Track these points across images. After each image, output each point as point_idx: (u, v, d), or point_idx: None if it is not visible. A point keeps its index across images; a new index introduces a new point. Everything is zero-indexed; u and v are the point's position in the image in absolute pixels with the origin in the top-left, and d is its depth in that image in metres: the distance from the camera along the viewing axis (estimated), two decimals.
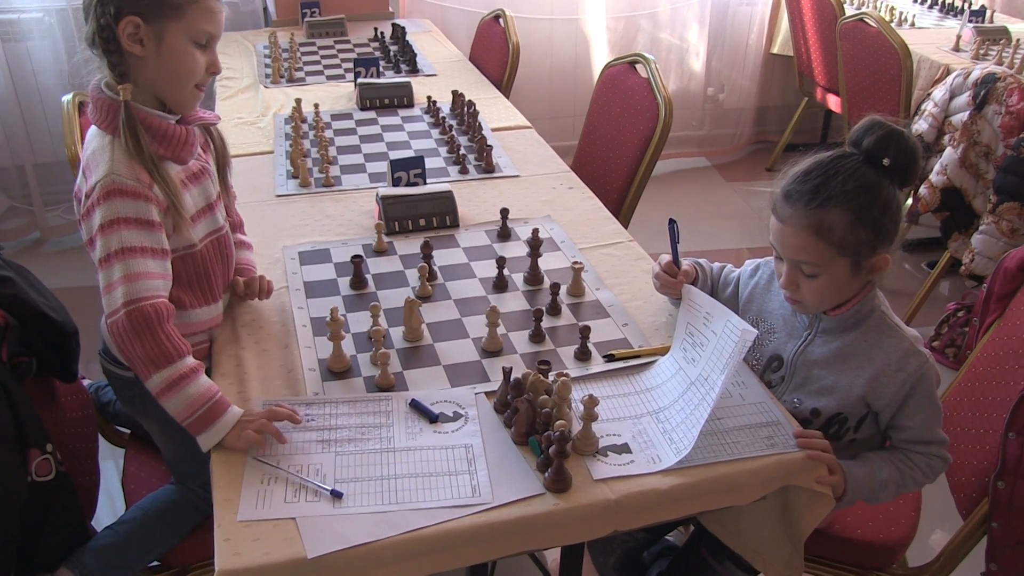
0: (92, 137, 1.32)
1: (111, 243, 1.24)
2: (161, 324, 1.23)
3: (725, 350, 1.25)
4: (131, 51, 1.26)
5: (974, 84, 2.62)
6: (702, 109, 4.44)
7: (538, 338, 1.46)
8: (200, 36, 1.32)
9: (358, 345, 1.44)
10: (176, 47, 1.29)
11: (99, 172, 1.26)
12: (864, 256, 1.27)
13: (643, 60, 2.38)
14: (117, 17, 1.24)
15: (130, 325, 1.22)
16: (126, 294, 1.22)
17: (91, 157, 1.29)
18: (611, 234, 1.84)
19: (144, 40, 1.26)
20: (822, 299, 1.32)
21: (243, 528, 1.07)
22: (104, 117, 1.30)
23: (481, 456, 1.21)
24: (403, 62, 3.02)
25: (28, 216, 3.55)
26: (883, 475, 1.31)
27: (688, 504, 1.20)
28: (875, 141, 1.24)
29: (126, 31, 1.25)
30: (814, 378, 1.36)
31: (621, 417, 1.28)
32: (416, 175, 1.97)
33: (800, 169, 1.29)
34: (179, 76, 1.32)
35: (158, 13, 1.26)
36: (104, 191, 1.24)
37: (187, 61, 1.31)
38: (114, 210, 1.24)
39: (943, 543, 1.53)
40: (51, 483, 1.38)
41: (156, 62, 1.29)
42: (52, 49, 3.36)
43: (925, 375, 1.30)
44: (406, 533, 1.08)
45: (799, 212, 1.25)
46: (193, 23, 1.29)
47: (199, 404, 1.21)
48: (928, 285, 2.98)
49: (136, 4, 1.24)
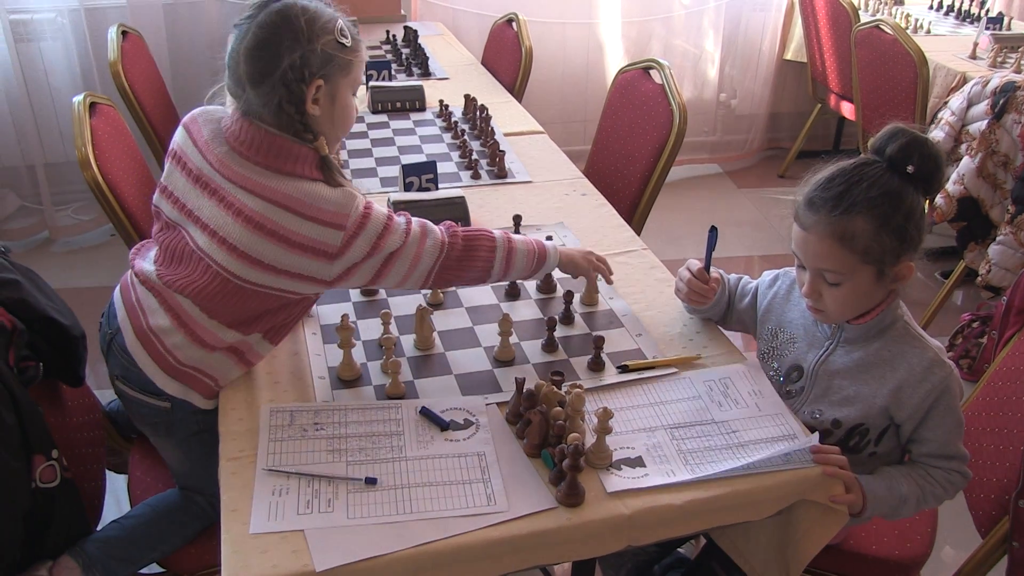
0: (267, 175, 1.25)
1: (386, 246, 1.28)
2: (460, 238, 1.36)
3: (775, 446, 1.23)
4: (311, 112, 1.27)
5: (992, 93, 2.59)
6: (714, 115, 4.41)
7: (551, 348, 1.44)
8: (357, 86, 1.35)
9: (368, 353, 1.42)
10: (345, 100, 1.33)
11: (342, 207, 1.24)
12: (888, 264, 1.24)
13: (657, 66, 2.36)
14: (308, 81, 1.25)
15: (461, 248, 1.34)
16: (439, 231, 1.34)
17: (300, 204, 1.23)
18: (624, 242, 1.82)
19: (321, 100, 1.28)
20: (845, 308, 1.29)
21: (251, 540, 1.06)
22: (292, 161, 1.26)
23: (495, 464, 1.19)
24: (415, 65, 3.01)
25: (37, 216, 3.55)
26: (903, 490, 1.28)
27: (702, 519, 1.17)
28: (899, 148, 1.23)
29: (311, 95, 1.26)
30: (835, 388, 1.33)
31: (635, 430, 1.26)
32: (428, 180, 1.96)
33: (823, 176, 1.26)
34: (344, 126, 1.36)
35: (335, 72, 1.28)
36: (359, 217, 1.26)
37: (351, 111, 1.36)
38: (373, 230, 1.27)
39: (959, 562, 1.51)
40: (55, 490, 1.37)
41: (329, 118, 1.31)
42: (64, 49, 3.36)
43: (949, 387, 1.27)
44: (415, 547, 1.06)
45: (822, 219, 1.23)
46: (356, 76, 1.33)
47: (531, 257, 1.41)
48: (943, 295, 2.95)
49: (323, 67, 1.26)
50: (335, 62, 1.27)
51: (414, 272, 1.33)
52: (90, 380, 1.64)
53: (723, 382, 1.36)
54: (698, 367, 1.41)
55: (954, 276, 2.90)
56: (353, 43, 1.30)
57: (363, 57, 1.34)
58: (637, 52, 4.13)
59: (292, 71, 1.23)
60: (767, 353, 1.45)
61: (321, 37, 1.25)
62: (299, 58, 1.23)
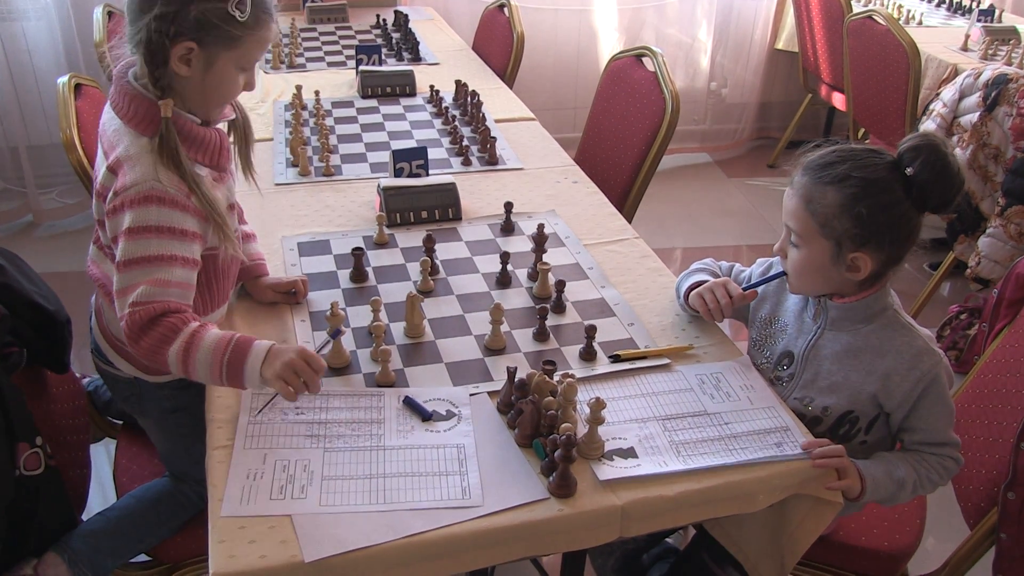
0: (120, 133, 1.25)
1: (138, 248, 1.19)
2: (168, 315, 1.19)
3: (767, 438, 1.22)
4: (176, 71, 1.21)
5: (984, 85, 2.59)
6: (704, 104, 4.40)
7: (542, 337, 1.43)
8: (249, 63, 1.28)
9: (358, 340, 1.40)
10: (224, 74, 1.25)
11: (136, 174, 1.20)
12: (845, 248, 1.25)
13: (650, 53, 2.34)
14: (174, 38, 1.18)
15: (144, 320, 1.17)
16: (146, 294, 1.18)
17: (124, 156, 1.22)
18: (616, 230, 1.81)
19: (192, 62, 1.21)
20: (800, 276, 1.32)
21: (238, 530, 1.04)
22: (136, 115, 1.23)
23: (473, 457, 1.17)
24: (405, 50, 2.98)
25: (21, 199, 3.50)
26: (901, 473, 1.27)
27: (695, 511, 1.17)
28: (910, 148, 1.23)
29: (179, 53, 1.20)
30: (824, 374, 1.34)
31: (626, 420, 1.25)
32: (418, 166, 1.94)
33: (829, 149, 1.29)
34: (218, 98, 1.29)
35: (216, 41, 1.21)
36: (141, 195, 1.19)
37: (230, 86, 1.28)
38: (147, 216, 1.19)
39: (948, 553, 1.51)
40: (40, 478, 1.35)
41: (199, 84, 1.24)
42: (48, 29, 3.31)
43: (938, 375, 1.27)
44: (406, 537, 1.05)
45: (804, 181, 1.28)
46: (247, 53, 1.26)
47: (223, 347, 1.17)
48: (931, 286, 2.96)
49: (197, 30, 1.19)
50: (217, 31, 1.20)
51: (125, 296, 1.20)
52: (75, 366, 1.62)
53: (715, 376, 1.35)
54: (690, 357, 1.40)
55: (943, 268, 2.91)
56: (251, 20, 1.22)
57: (263, 37, 1.26)
58: (629, 39, 4.12)
59: (158, 21, 1.17)
60: (759, 341, 1.45)
61: (206, 2, 1.18)
62: (171, 13, 1.17)
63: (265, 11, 1.25)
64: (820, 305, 1.35)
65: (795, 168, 1.31)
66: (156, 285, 1.18)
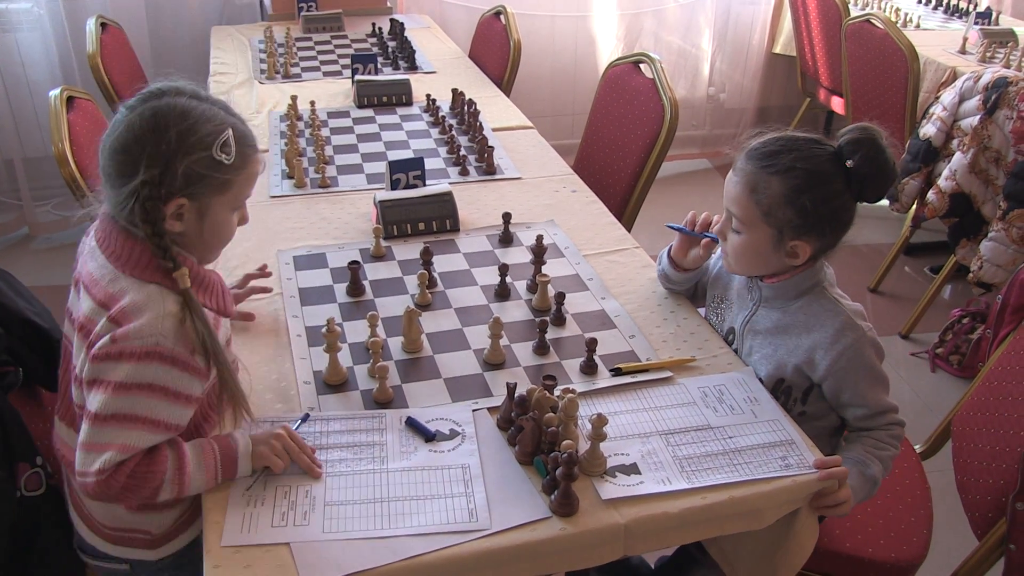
0: (116, 278, 1.11)
1: (121, 406, 1.06)
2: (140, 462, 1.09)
3: (772, 452, 1.21)
4: (170, 228, 1.11)
5: (984, 88, 2.57)
6: (703, 109, 4.39)
7: (542, 350, 1.41)
8: (240, 202, 1.20)
9: (355, 356, 1.38)
10: (219, 219, 1.16)
11: (142, 323, 1.06)
12: (787, 235, 1.29)
13: (648, 60, 2.32)
14: (165, 200, 1.09)
15: (120, 482, 1.07)
16: (112, 462, 1.05)
17: (130, 304, 1.08)
18: (616, 240, 1.79)
19: (185, 216, 1.12)
20: (740, 260, 1.36)
21: (233, 554, 1.02)
22: (131, 259, 1.11)
23: (479, 477, 1.15)
24: (401, 59, 2.96)
25: (16, 211, 3.48)
26: (873, 471, 1.30)
27: (700, 528, 1.15)
28: (850, 141, 1.28)
29: (169, 212, 1.10)
30: (756, 347, 1.39)
31: (629, 435, 1.23)
32: (416, 177, 1.92)
33: (772, 136, 1.32)
34: (216, 243, 1.20)
35: (207, 191, 1.12)
36: (144, 350, 1.05)
37: (226, 229, 1.19)
38: (144, 374, 1.06)
39: (955, 564, 1.49)
40: (41, 498, 1.33)
41: (196, 235, 1.15)
42: (42, 41, 3.29)
43: (860, 349, 1.30)
44: (405, 560, 1.02)
45: (747, 168, 1.30)
46: (238, 194, 1.17)
47: (211, 461, 1.11)
48: (933, 290, 2.94)
49: (187, 186, 1.09)
50: (206, 181, 1.10)
51: (89, 453, 1.08)
52: None
53: (718, 388, 1.33)
54: (693, 369, 1.38)
55: (944, 272, 2.89)
56: (238, 160, 1.12)
57: (252, 173, 1.17)
58: (626, 45, 4.10)
59: (147, 187, 1.06)
60: (714, 320, 1.51)
61: (192, 154, 1.08)
62: (158, 175, 1.06)
63: (249, 146, 1.16)
64: (753, 283, 1.40)
65: (739, 153, 1.34)
66: (125, 452, 1.06)
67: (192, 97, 1.11)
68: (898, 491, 1.61)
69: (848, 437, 1.38)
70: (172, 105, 1.08)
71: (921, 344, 2.94)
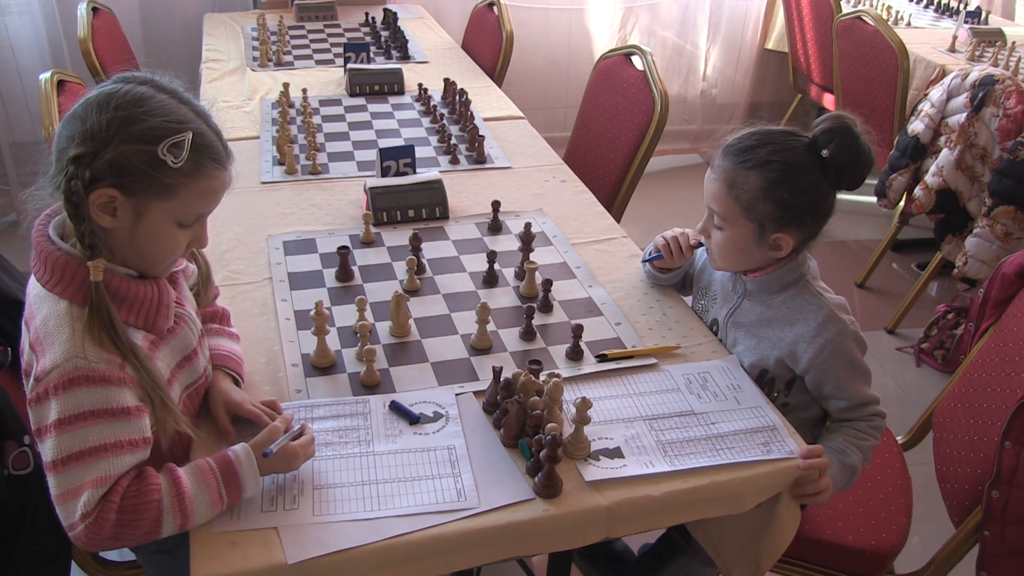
0: (40, 298, 1.04)
1: (73, 443, 0.98)
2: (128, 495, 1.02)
3: (754, 437, 1.22)
4: (99, 221, 1.01)
5: (972, 86, 2.60)
6: (694, 104, 4.40)
7: (529, 336, 1.42)
8: (188, 218, 1.08)
9: (343, 340, 1.39)
10: (157, 227, 1.05)
11: (56, 353, 0.99)
12: (768, 229, 1.30)
13: (640, 52, 2.33)
14: (90, 184, 0.99)
15: (110, 522, 1.00)
16: (93, 501, 0.99)
17: (43, 328, 1.01)
18: (604, 229, 1.80)
19: (119, 212, 1.02)
20: (724, 256, 1.37)
21: (220, 533, 1.03)
22: (53, 276, 1.03)
23: (465, 458, 1.16)
24: (394, 48, 2.96)
25: (4, 197, 3.47)
26: (853, 460, 1.32)
27: (682, 511, 1.16)
28: (824, 131, 1.28)
29: (98, 201, 1.00)
30: (740, 339, 1.41)
31: (613, 420, 1.25)
32: (406, 164, 1.93)
33: (747, 131, 1.34)
34: (150, 254, 1.08)
35: (143, 189, 1.01)
36: (64, 379, 0.98)
37: (167, 243, 1.07)
38: (77, 403, 0.98)
39: (933, 551, 1.51)
40: (29, 477, 1.33)
41: (128, 238, 1.05)
42: (31, 25, 3.27)
43: (842, 342, 1.31)
44: (390, 538, 1.04)
45: (725, 165, 1.32)
46: (185, 205, 1.05)
47: (211, 480, 1.05)
48: (919, 286, 2.97)
49: (119, 177, 1.00)
50: (143, 178, 1.00)
51: (67, 503, 1.01)
52: None
53: (702, 376, 1.35)
54: (677, 356, 1.40)
55: (930, 268, 2.92)
56: (188, 166, 1.02)
57: (206, 188, 1.06)
58: (619, 39, 4.11)
59: (74, 164, 0.98)
60: (700, 311, 1.53)
61: (130, 143, 0.99)
62: (89, 154, 0.98)
63: (212, 159, 1.05)
64: (737, 278, 1.42)
65: (715, 150, 1.35)
66: (101, 485, 0.99)
67: (161, 90, 1.04)
68: (879, 481, 1.63)
69: (830, 427, 1.40)
70: (131, 91, 1.02)
71: (907, 339, 2.97)
